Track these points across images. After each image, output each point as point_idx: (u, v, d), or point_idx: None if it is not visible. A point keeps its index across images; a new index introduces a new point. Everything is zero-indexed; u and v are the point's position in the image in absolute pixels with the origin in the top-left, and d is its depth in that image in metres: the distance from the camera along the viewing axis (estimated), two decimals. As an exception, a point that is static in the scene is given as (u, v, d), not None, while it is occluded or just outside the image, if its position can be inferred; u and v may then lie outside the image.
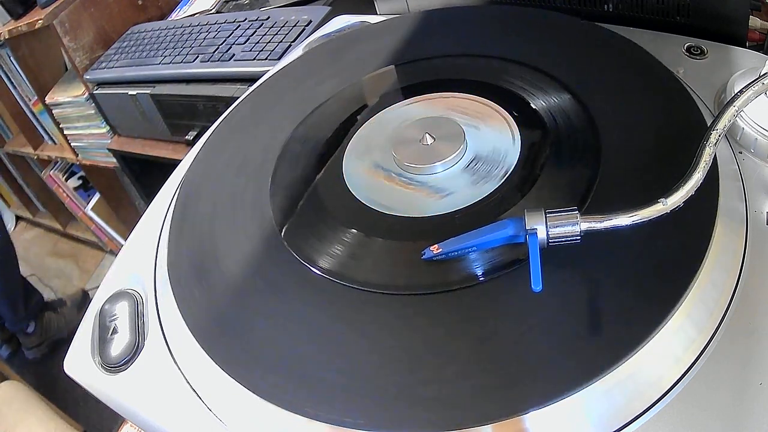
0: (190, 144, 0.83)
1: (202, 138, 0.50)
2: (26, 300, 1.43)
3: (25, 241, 1.98)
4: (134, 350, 0.36)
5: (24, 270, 1.46)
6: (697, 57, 0.42)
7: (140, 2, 1.10)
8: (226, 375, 0.31)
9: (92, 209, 1.56)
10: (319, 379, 0.30)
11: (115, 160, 1.10)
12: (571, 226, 0.29)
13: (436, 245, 0.32)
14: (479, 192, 0.36)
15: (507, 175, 0.37)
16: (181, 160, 0.50)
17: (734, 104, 0.31)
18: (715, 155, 0.31)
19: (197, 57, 0.84)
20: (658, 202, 0.28)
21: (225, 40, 0.83)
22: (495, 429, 0.26)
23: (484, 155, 0.39)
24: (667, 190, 0.29)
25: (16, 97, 1.39)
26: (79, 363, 0.37)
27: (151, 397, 0.34)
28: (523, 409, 0.26)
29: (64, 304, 1.54)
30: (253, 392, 0.30)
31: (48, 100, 1.21)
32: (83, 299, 1.59)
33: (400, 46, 0.51)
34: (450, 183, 0.38)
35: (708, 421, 0.25)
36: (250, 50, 0.78)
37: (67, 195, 1.57)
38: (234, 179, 0.44)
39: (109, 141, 1.09)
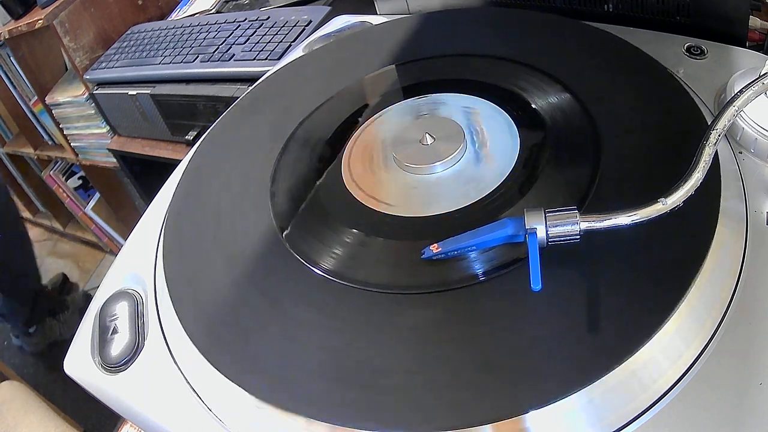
0: (190, 144, 0.83)
1: (201, 138, 0.50)
2: (34, 304, 1.43)
3: (26, 241, 1.98)
4: (134, 350, 0.36)
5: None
6: (697, 57, 0.42)
7: (140, 2, 1.10)
8: (226, 376, 0.31)
9: (92, 209, 1.57)
10: (319, 379, 0.30)
11: (115, 160, 1.10)
12: (571, 225, 0.29)
13: (435, 244, 0.32)
14: (479, 192, 0.36)
15: (507, 175, 0.37)
16: (181, 160, 0.50)
17: (734, 104, 0.31)
18: (715, 155, 0.31)
19: (197, 57, 0.84)
20: (658, 202, 0.28)
21: (225, 40, 0.83)
22: (495, 429, 0.26)
23: (484, 155, 0.39)
24: (667, 190, 0.29)
25: (16, 97, 1.39)
26: (79, 363, 0.37)
27: (151, 397, 0.34)
28: (523, 409, 0.26)
29: (66, 309, 1.54)
30: (253, 393, 0.30)
31: (48, 100, 1.21)
32: (86, 305, 1.59)
33: (400, 47, 0.51)
34: (450, 183, 0.38)
35: (708, 421, 0.25)
36: (250, 50, 0.78)
37: (67, 195, 1.57)
38: (234, 179, 0.44)
39: (109, 141, 1.09)
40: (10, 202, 1.34)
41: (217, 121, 0.51)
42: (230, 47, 0.82)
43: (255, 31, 0.82)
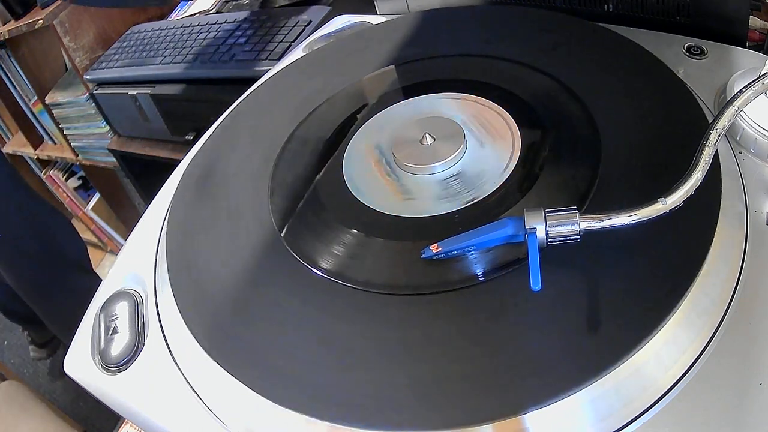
0: (190, 144, 0.83)
1: (201, 138, 0.50)
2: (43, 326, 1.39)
3: (26, 241, 1.98)
4: (134, 350, 0.36)
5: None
6: (697, 57, 0.42)
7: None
8: (227, 375, 0.31)
9: (92, 209, 1.57)
10: (319, 378, 0.30)
11: (115, 160, 1.10)
12: (571, 225, 0.29)
13: (435, 244, 0.32)
14: (479, 192, 0.36)
15: (507, 175, 0.37)
16: (181, 160, 0.50)
17: (734, 104, 0.31)
18: (715, 155, 0.31)
19: (197, 57, 0.84)
20: (658, 202, 0.28)
21: (225, 40, 0.83)
22: (495, 429, 0.26)
23: (484, 155, 0.39)
24: (667, 190, 0.29)
25: (16, 97, 1.40)
26: (79, 363, 0.37)
27: (151, 397, 0.34)
28: (522, 408, 0.26)
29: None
30: (253, 392, 0.30)
31: (48, 100, 1.21)
32: None
33: (400, 47, 0.51)
34: (450, 183, 0.38)
35: (708, 421, 0.25)
36: (250, 50, 0.78)
37: (67, 195, 1.58)
38: (234, 179, 0.44)
39: (109, 141, 1.09)
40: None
41: (217, 121, 0.51)
42: (230, 47, 0.82)
43: (255, 31, 0.82)
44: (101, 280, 0.42)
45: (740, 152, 0.35)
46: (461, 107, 0.43)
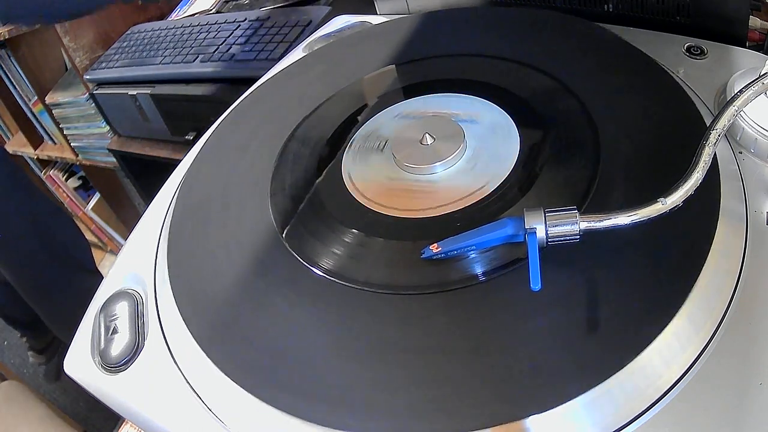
0: (190, 144, 0.83)
1: (201, 138, 0.50)
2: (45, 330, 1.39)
3: (26, 241, 1.97)
4: (134, 350, 0.36)
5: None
6: (697, 57, 0.42)
7: (140, 2, 1.10)
8: (226, 376, 0.31)
9: (92, 209, 1.57)
10: (319, 379, 0.30)
11: (115, 160, 1.10)
12: (571, 225, 0.29)
13: (435, 244, 0.32)
14: (479, 192, 0.36)
15: (507, 175, 0.37)
16: (181, 160, 0.50)
17: (734, 104, 0.31)
18: (715, 155, 0.31)
19: (197, 57, 0.84)
20: (658, 202, 0.28)
21: (225, 40, 0.83)
22: (495, 429, 0.26)
23: (483, 155, 0.39)
24: (667, 190, 0.29)
25: (16, 97, 1.39)
26: (79, 363, 0.37)
27: (151, 397, 0.34)
28: (522, 408, 0.26)
29: None
30: (253, 393, 0.30)
31: (48, 100, 1.21)
32: None
33: (400, 47, 0.51)
34: (450, 183, 0.38)
35: (708, 421, 0.25)
36: (250, 50, 0.78)
37: (67, 195, 1.58)
38: (234, 179, 0.44)
39: (109, 141, 1.09)
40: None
41: (217, 121, 0.51)
42: (230, 47, 0.82)
43: (255, 31, 0.82)
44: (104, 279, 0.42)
45: (740, 152, 0.35)
46: (461, 107, 0.43)
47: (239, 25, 0.85)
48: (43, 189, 1.71)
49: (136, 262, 0.42)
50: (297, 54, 0.58)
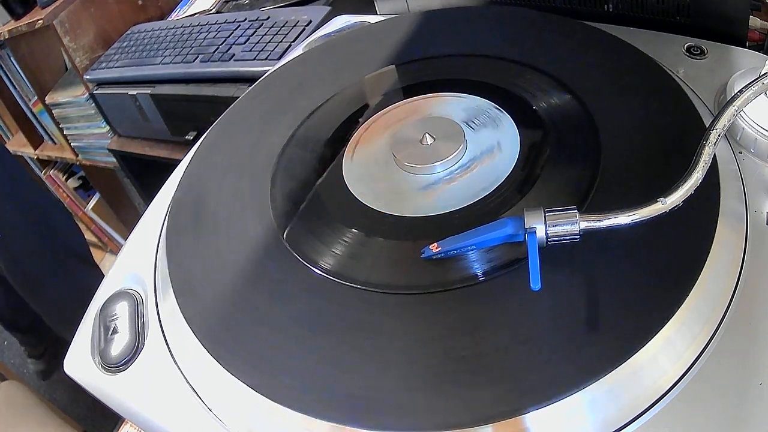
0: (190, 144, 0.83)
1: (201, 138, 0.50)
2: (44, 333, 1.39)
3: (26, 241, 1.97)
4: (134, 350, 0.36)
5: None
6: (697, 57, 0.42)
7: (140, 2, 1.10)
8: (227, 375, 0.31)
9: (92, 209, 1.57)
10: (319, 378, 0.30)
11: (115, 160, 1.10)
12: (570, 225, 0.29)
13: (435, 244, 0.32)
14: (479, 192, 0.36)
15: (507, 175, 0.37)
16: (181, 160, 0.50)
17: (734, 104, 0.31)
18: (715, 155, 0.31)
19: (197, 57, 0.84)
20: (657, 202, 0.28)
21: (225, 40, 0.83)
22: (495, 429, 0.26)
23: (484, 155, 0.39)
24: (667, 190, 0.29)
25: (16, 97, 1.40)
26: (79, 363, 0.37)
27: (151, 397, 0.34)
28: (523, 409, 0.26)
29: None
30: (253, 391, 0.30)
31: (48, 100, 1.21)
32: None
33: (400, 47, 0.51)
34: (450, 183, 0.38)
35: (708, 421, 0.25)
36: (250, 50, 0.78)
37: (67, 195, 1.58)
38: (234, 179, 0.44)
39: (109, 141, 1.09)
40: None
41: (217, 121, 0.51)
42: (230, 47, 0.82)
43: (255, 31, 0.82)
44: (103, 274, 0.41)
45: (740, 152, 0.35)
46: (461, 107, 0.43)
47: (239, 25, 0.85)
48: (43, 189, 1.71)
49: (136, 262, 0.42)
50: (297, 54, 0.58)
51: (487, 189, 0.36)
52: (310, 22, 0.78)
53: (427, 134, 0.40)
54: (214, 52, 0.82)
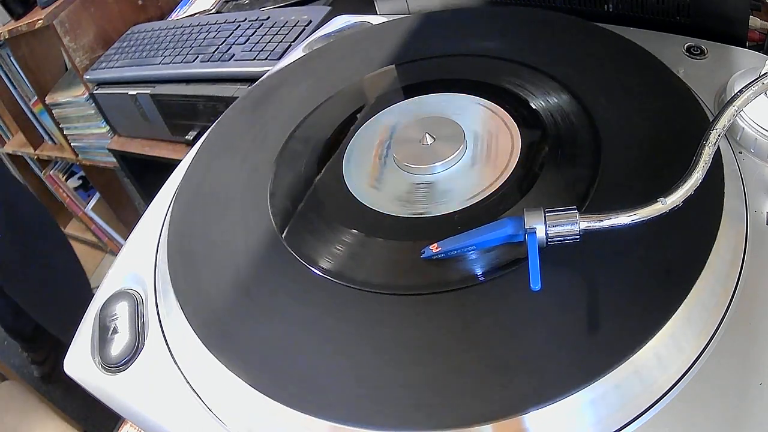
0: (190, 144, 0.83)
1: (201, 138, 0.50)
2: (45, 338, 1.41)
3: (26, 241, 1.98)
4: (134, 350, 0.36)
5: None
6: (697, 57, 0.42)
7: (140, 2, 1.10)
8: (227, 374, 0.31)
9: (92, 209, 1.57)
10: (319, 378, 0.30)
11: (115, 160, 1.10)
12: (570, 225, 0.29)
13: (435, 244, 0.32)
14: (479, 192, 0.36)
15: (507, 175, 0.37)
16: (181, 160, 0.50)
17: (734, 104, 0.31)
18: (715, 155, 0.31)
19: (197, 57, 0.84)
20: (657, 202, 0.28)
21: (225, 40, 0.83)
22: (495, 429, 0.26)
23: (483, 155, 0.39)
24: (667, 190, 0.29)
25: (16, 97, 1.39)
26: (79, 363, 0.37)
27: (151, 397, 0.34)
28: (522, 409, 0.26)
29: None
30: (254, 390, 0.30)
31: (48, 100, 1.21)
32: None
33: (400, 47, 0.51)
34: (450, 183, 0.38)
35: (708, 421, 0.25)
36: (250, 50, 0.78)
37: (67, 195, 1.58)
38: (234, 179, 0.44)
39: (109, 141, 1.09)
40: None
41: (217, 121, 0.51)
42: (230, 47, 0.82)
43: (255, 31, 0.82)
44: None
45: (740, 152, 0.35)
46: (461, 107, 0.43)
47: (239, 25, 0.85)
48: (43, 189, 1.71)
49: (136, 262, 0.42)
50: (297, 54, 0.58)
51: (487, 189, 0.36)
52: (310, 22, 0.78)
53: (427, 134, 0.40)
54: (214, 52, 0.82)
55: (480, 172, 0.38)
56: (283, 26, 0.80)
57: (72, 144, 1.28)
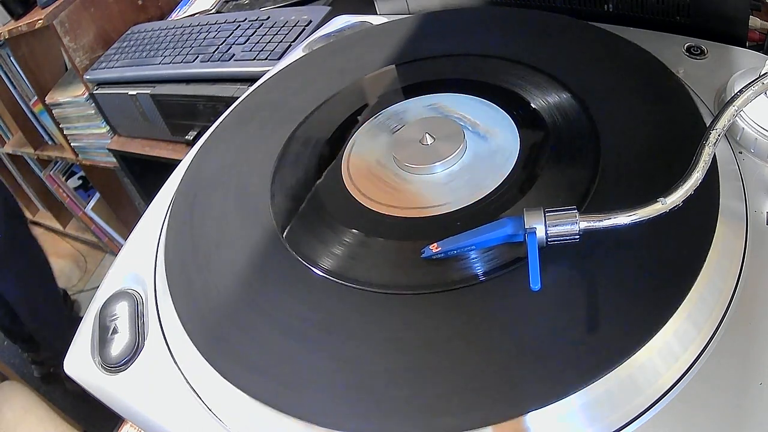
0: (190, 144, 0.83)
1: (201, 138, 0.50)
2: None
3: (26, 241, 1.97)
4: (134, 350, 0.36)
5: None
6: (697, 57, 0.42)
7: (140, 2, 1.10)
8: (226, 376, 0.31)
9: (92, 209, 1.57)
10: (319, 379, 0.30)
11: (115, 160, 1.10)
12: (570, 225, 0.29)
13: (435, 244, 0.32)
14: (479, 192, 0.36)
15: (507, 175, 0.37)
16: (181, 160, 0.50)
17: (734, 104, 0.31)
18: (714, 155, 0.31)
19: (197, 57, 0.84)
20: (657, 202, 0.28)
21: (225, 40, 0.83)
22: (495, 429, 0.26)
23: (484, 155, 0.39)
24: (667, 190, 0.29)
25: (16, 97, 1.39)
26: (79, 363, 0.37)
27: (151, 397, 0.34)
28: (522, 409, 0.26)
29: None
30: (252, 393, 0.30)
31: (48, 100, 1.21)
32: None
33: (401, 47, 0.51)
34: (450, 183, 0.38)
35: (708, 421, 0.25)
36: (250, 50, 0.78)
37: (67, 195, 1.58)
38: (234, 179, 0.44)
39: (109, 141, 1.09)
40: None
41: (217, 121, 0.51)
42: (230, 47, 0.82)
43: (255, 31, 0.82)
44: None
45: (740, 152, 0.35)
46: (461, 107, 0.43)
47: (239, 25, 0.85)
48: (43, 189, 1.71)
49: (136, 262, 0.42)
50: (297, 54, 0.58)
51: (487, 189, 0.36)
52: (310, 22, 0.78)
53: (427, 134, 0.40)
54: (214, 52, 0.82)
55: (480, 172, 0.38)
56: (283, 26, 0.80)
57: (72, 144, 1.27)
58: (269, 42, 0.78)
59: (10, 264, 1.20)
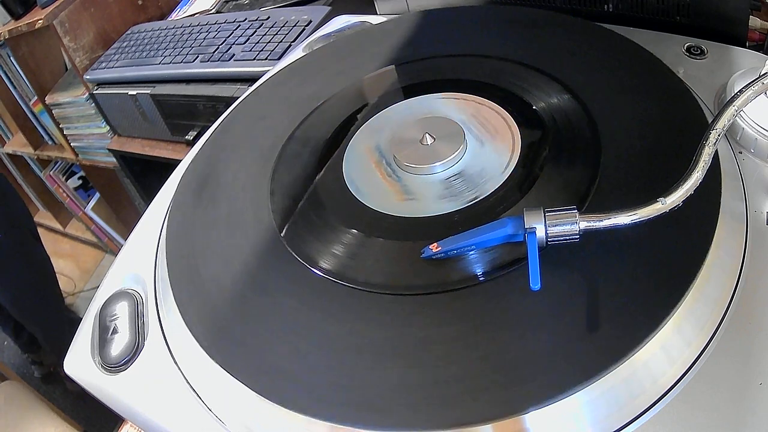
0: (190, 144, 0.83)
1: (201, 138, 0.50)
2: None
3: (26, 241, 1.97)
4: (134, 350, 0.36)
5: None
6: (697, 57, 0.42)
7: (140, 2, 1.10)
8: (226, 375, 0.31)
9: (92, 209, 1.57)
10: (319, 378, 0.30)
11: (115, 160, 1.10)
12: (570, 225, 0.29)
13: (435, 244, 0.32)
14: (479, 192, 0.36)
15: (507, 175, 0.37)
16: (181, 160, 0.50)
17: (734, 104, 0.31)
18: (715, 155, 0.31)
19: (197, 57, 0.84)
20: (657, 202, 0.28)
21: (225, 40, 0.83)
22: (495, 429, 0.26)
23: (484, 155, 0.39)
24: (667, 190, 0.29)
25: (16, 97, 1.39)
26: (79, 363, 0.37)
27: (151, 397, 0.34)
28: (522, 409, 0.26)
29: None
30: (253, 392, 0.30)
31: (48, 100, 1.21)
32: None
33: (400, 46, 0.51)
34: (450, 183, 0.38)
35: (708, 421, 0.25)
36: (250, 50, 0.78)
37: (67, 195, 1.58)
38: (233, 179, 0.44)
39: (109, 141, 1.09)
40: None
41: (217, 121, 0.51)
42: (230, 47, 0.82)
43: (255, 31, 0.82)
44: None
45: (740, 152, 0.35)
46: (461, 107, 0.43)
47: (239, 25, 0.85)
48: (43, 189, 1.71)
49: (136, 262, 0.42)
50: (297, 54, 0.58)
51: (487, 189, 0.36)
52: (310, 22, 0.78)
53: (427, 134, 0.40)
54: (214, 52, 0.82)
55: (480, 172, 0.38)
56: (283, 26, 0.80)
57: (72, 144, 1.28)
58: (269, 42, 0.78)
59: (13, 265, 1.20)
